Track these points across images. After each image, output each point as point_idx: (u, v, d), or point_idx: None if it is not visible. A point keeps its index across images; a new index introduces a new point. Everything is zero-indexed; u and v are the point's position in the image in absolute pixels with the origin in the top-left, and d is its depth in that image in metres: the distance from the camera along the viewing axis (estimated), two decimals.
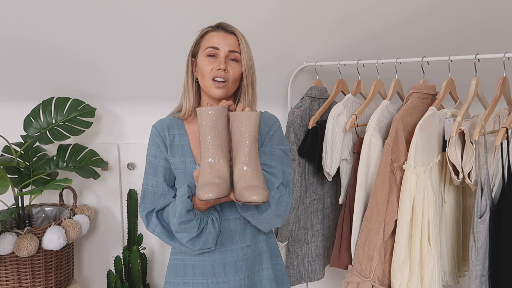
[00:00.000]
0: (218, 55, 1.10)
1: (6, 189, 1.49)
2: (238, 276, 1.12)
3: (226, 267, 1.12)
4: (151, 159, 1.14)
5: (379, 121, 1.38)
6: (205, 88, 1.12)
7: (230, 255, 1.12)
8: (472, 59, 1.29)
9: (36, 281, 1.65)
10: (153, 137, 1.14)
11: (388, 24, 1.59)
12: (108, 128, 2.02)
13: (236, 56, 1.10)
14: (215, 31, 1.12)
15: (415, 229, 1.26)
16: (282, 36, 1.70)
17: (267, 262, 1.19)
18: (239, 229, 1.14)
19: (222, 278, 1.12)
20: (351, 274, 1.38)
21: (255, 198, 0.93)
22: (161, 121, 1.16)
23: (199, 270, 1.12)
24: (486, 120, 1.26)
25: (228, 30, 1.12)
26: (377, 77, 1.56)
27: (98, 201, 2.05)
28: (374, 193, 1.31)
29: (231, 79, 1.10)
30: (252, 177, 0.99)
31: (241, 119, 1.00)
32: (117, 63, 1.78)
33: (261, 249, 1.18)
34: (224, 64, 1.08)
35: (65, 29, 1.61)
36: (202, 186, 0.96)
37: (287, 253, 1.72)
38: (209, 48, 1.10)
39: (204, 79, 1.10)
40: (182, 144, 1.13)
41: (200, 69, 1.11)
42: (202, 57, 1.11)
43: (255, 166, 1.00)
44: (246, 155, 1.00)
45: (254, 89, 1.15)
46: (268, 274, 1.18)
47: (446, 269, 1.49)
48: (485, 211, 1.20)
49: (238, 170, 1.00)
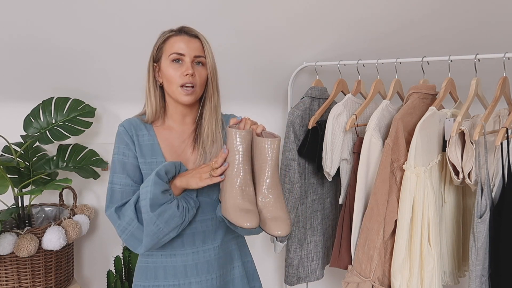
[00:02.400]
0: (183, 60, 1.08)
1: (6, 189, 1.49)
2: (210, 275, 1.13)
3: (198, 267, 1.12)
4: (120, 157, 1.11)
5: (379, 121, 1.38)
6: (172, 95, 1.10)
7: (202, 256, 1.13)
8: (472, 59, 1.29)
9: (36, 281, 1.65)
10: (121, 135, 1.12)
11: (388, 24, 1.59)
12: (108, 128, 2.01)
13: (201, 60, 1.10)
14: (178, 36, 1.10)
15: (415, 229, 1.26)
16: (282, 36, 1.70)
17: (238, 260, 1.21)
18: (211, 230, 1.14)
19: (195, 279, 1.12)
20: (351, 274, 1.38)
21: (279, 233, 0.96)
22: (129, 120, 1.15)
23: (171, 272, 1.12)
24: (486, 120, 1.26)
25: (191, 34, 1.11)
26: (377, 77, 1.56)
27: (98, 201, 2.05)
28: (374, 193, 1.31)
29: (199, 83, 1.10)
30: (275, 207, 1.00)
31: (264, 145, 1.01)
32: (117, 63, 1.78)
33: (231, 248, 1.20)
34: (192, 69, 1.07)
35: (65, 29, 1.61)
36: (237, 211, 0.97)
37: (287, 253, 1.72)
38: (174, 54, 1.08)
39: (172, 86, 1.09)
40: (151, 144, 1.12)
41: (166, 75, 1.09)
42: (167, 63, 1.09)
43: (277, 194, 1.02)
44: (269, 183, 1.02)
45: (219, 92, 1.16)
46: (239, 272, 1.20)
47: (446, 269, 1.49)
48: (485, 211, 1.20)
49: (261, 198, 1.01)
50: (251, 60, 1.82)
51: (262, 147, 1.01)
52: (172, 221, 1.03)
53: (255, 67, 1.86)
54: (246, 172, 1.01)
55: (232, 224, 1.13)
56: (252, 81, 1.95)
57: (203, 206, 1.13)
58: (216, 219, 1.15)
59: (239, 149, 1.01)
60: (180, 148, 1.15)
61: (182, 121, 1.17)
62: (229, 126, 1.04)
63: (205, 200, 1.13)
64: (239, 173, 1.01)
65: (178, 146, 1.15)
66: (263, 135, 1.05)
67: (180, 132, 1.16)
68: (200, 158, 1.13)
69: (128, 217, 1.05)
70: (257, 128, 1.06)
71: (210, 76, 1.12)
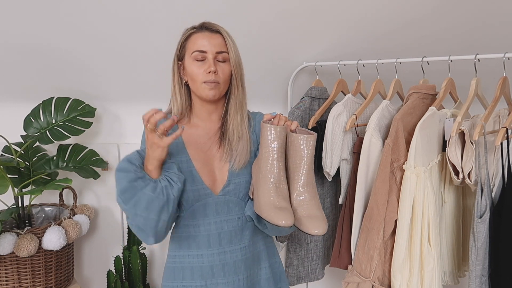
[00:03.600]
0: (206, 57, 1.07)
1: (6, 189, 1.49)
2: (237, 276, 1.12)
3: (225, 268, 1.11)
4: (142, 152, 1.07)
5: (379, 121, 1.38)
6: (197, 92, 1.10)
7: (229, 256, 1.12)
8: (472, 59, 1.29)
9: (36, 281, 1.65)
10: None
11: (388, 24, 1.59)
12: (108, 128, 2.02)
13: (224, 56, 1.08)
14: (199, 32, 1.08)
15: (415, 229, 1.26)
16: (282, 36, 1.70)
17: (265, 261, 1.19)
18: (238, 230, 1.13)
19: (221, 279, 1.11)
20: (351, 274, 1.38)
21: (316, 232, 0.93)
22: None
23: (198, 273, 1.11)
24: (486, 120, 1.26)
25: (213, 29, 1.09)
26: (377, 77, 1.56)
27: (98, 201, 2.05)
28: (374, 193, 1.31)
29: (222, 80, 1.08)
30: (311, 205, 0.98)
31: (300, 141, 0.99)
32: (117, 63, 1.78)
33: (259, 249, 1.18)
34: (214, 66, 1.05)
35: (65, 30, 1.61)
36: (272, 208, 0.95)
37: (287, 253, 1.72)
38: (196, 51, 1.07)
39: (195, 83, 1.08)
40: (176, 143, 1.11)
41: (190, 73, 1.09)
42: (190, 60, 1.08)
43: (312, 192, 1.00)
44: (304, 181, 0.99)
45: (244, 87, 1.14)
46: (266, 274, 1.18)
47: (446, 269, 1.49)
48: (485, 211, 1.20)
49: (295, 196, 0.99)
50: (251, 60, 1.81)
51: (298, 143, 0.99)
52: (152, 205, 0.97)
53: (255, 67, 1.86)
54: (280, 169, 0.99)
55: (261, 223, 1.11)
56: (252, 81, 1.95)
57: (229, 205, 1.12)
58: (243, 218, 1.13)
59: (274, 146, 0.99)
60: (206, 146, 1.13)
61: (208, 118, 1.15)
62: (263, 121, 1.02)
63: (232, 199, 1.12)
64: (273, 170, 0.98)
65: (204, 143, 1.13)
66: (297, 132, 1.03)
67: (206, 130, 1.15)
68: (226, 155, 1.12)
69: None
70: (291, 124, 1.04)
71: (234, 72, 1.09)
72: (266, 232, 1.16)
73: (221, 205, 1.11)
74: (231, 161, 1.12)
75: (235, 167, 1.11)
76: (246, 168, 1.13)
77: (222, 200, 1.11)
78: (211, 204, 1.10)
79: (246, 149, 1.12)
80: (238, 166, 1.11)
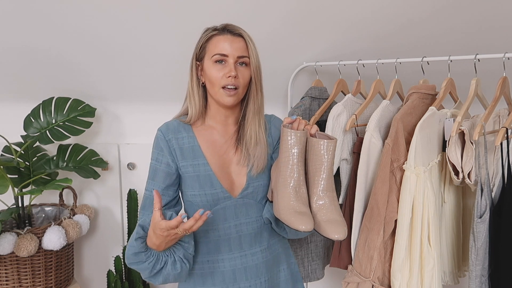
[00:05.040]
0: (226, 61, 1.05)
1: (6, 189, 1.49)
2: (259, 279, 1.11)
3: (247, 271, 1.09)
4: (153, 162, 1.09)
5: (379, 121, 1.38)
6: (215, 96, 1.07)
7: (251, 259, 1.10)
8: (472, 59, 1.29)
9: (36, 281, 1.65)
10: (158, 140, 1.09)
11: (388, 24, 1.59)
12: (108, 128, 2.02)
13: (245, 60, 1.06)
14: (221, 35, 1.06)
15: (415, 229, 1.26)
16: (282, 36, 1.70)
17: (284, 263, 1.18)
18: (256, 233, 1.12)
19: (244, 283, 1.09)
20: (351, 274, 1.38)
21: (337, 237, 0.93)
22: (167, 124, 1.11)
23: (219, 278, 1.09)
24: (486, 120, 1.26)
25: (235, 33, 1.06)
26: (377, 77, 1.56)
27: (98, 201, 2.05)
28: (374, 193, 1.31)
29: (242, 85, 1.06)
30: (331, 209, 0.98)
31: (320, 146, 0.98)
32: (117, 63, 1.78)
33: (278, 251, 1.17)
34: (235, 71, 1.03)
35: (65, 30, 1.61)
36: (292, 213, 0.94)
37: None
38: (217, 55, 1.04)
39: (214, 87, 1.06)
40: (192, 146, 1.09)
41: (209, 76, 1.06)
42: (210, 63, 1.06)
43: (332, 197, 0.99)
44: (324, 186, 0.99)
45: (262, 92, 1.12)
46: (285, 275, 1.18)
47: (446, 269, 1.49)
48: (485, 211, 1.20)
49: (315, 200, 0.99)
50: None
51: (318, 148, 0.98)
52: (183, 275, 1.04)
53: None
54: (300, 173, 0.99)
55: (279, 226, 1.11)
56: None
57: (248, 208, 1.10)
58: (261, 221, 1.12)
59: (294, 151, 0.98)
60: (223, 149, 1.11)
61: (224, 121, 1.13)
62: (283, 125, 1.01)
63: (250, 202, 1.10)
64: (293, 174, 0.98)
65: (221, 146, 1.11)
66: (316, 136, 1.02)
67: (222, 132, 1.13)
68: (244, 159, 1.10)
69: None
70: (311, 128, 1.03)
71: (254, 77, 1.07)
72: (283, 235, 1.15)
73: (240, 208, 1.10)
74: (248, 165, 1.10)
75: (254, 172, 1.10)
76: (264, 172, 1.12)
77: (241, 203, 1.10)
78: (230, 207, 1.08)
79: (264, 155, 1.10)
80: (256, 171, 1.10)
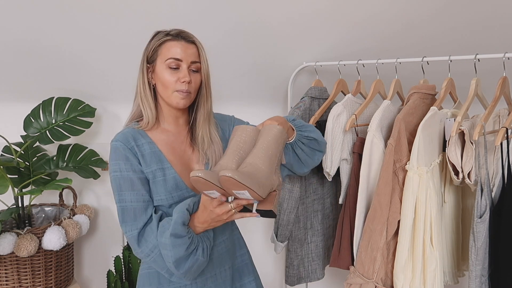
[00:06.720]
0: (180, 66, 1.07)
1: (6, 189, 1.49)
2: (223, 267, 1.15)
3: (213, 262, 1.13)
4: (123, 174, 1.06)
5: (381, 121, 1.38)
6: (167, 99, 1.09)
7: (215, 250, 1.14)
8: (472, 59, 1.29)
9: (36, 281, 1.65)
10: (119, 151, 1.06)
11: (388, 25, 1.59)
12: (108, 128, 2.02)
13: (197, 66, 1.10)
14: (175, 41, 1.08)
15: (417, 230, 1.26)
16: (282, 36, 1.70)
17: (244, 248, 1.25)
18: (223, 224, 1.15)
19: (210, 273, 1.13)
20: (354, 275, 1.37)
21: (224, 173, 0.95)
22: (123, 133, 1.09)
23: None
24: (486, 120, 1.26)
25: (189, 40, 1.10)
26: (377, 77, 1.56)
27: (98, 201, 2.05)
28: (377, 194, 1.31)
29: (193, 89, 1.10)
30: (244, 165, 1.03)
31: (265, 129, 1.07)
32: (117, 63, 1.78)
33: (235, 237, 1.23)
34: (189, 76, 1.07)
35: (65, 30, 1.61)
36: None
37: (287, 253, 1.72)
38: (171, 59, 1.06)
39: (167, 91, 1.08)
40: (153, 152, 1.09)
41: (161, 79, 1.08)
42: (163, 67, 1.08)
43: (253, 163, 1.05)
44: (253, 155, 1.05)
45: (211, 97, 1.16)
46: (248, 258, 1.25)
47: (446, 269, 1.49)
48: (485, 211, 1.20)
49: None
50: (251, 60, 1.82)
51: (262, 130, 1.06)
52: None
53: (255, 67, 1.86)
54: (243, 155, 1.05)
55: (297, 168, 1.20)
56: (252, 81, 1.95)
57: None
58: None
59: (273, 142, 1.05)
60: (181, 149, 1.14)
61: (175, 122, 1.16)
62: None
63: None
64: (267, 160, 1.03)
65: (179, 147, 1.14)
66: None
67: (176, 134, 1.16)
68: (202, 158, 1.14)
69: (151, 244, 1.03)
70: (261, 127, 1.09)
71: (204, 82, 1.11)
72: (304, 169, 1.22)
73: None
74: (207, 163, 1.14)
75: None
76: None
77: None
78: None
79: (220, 152, 1.16)
80: None
